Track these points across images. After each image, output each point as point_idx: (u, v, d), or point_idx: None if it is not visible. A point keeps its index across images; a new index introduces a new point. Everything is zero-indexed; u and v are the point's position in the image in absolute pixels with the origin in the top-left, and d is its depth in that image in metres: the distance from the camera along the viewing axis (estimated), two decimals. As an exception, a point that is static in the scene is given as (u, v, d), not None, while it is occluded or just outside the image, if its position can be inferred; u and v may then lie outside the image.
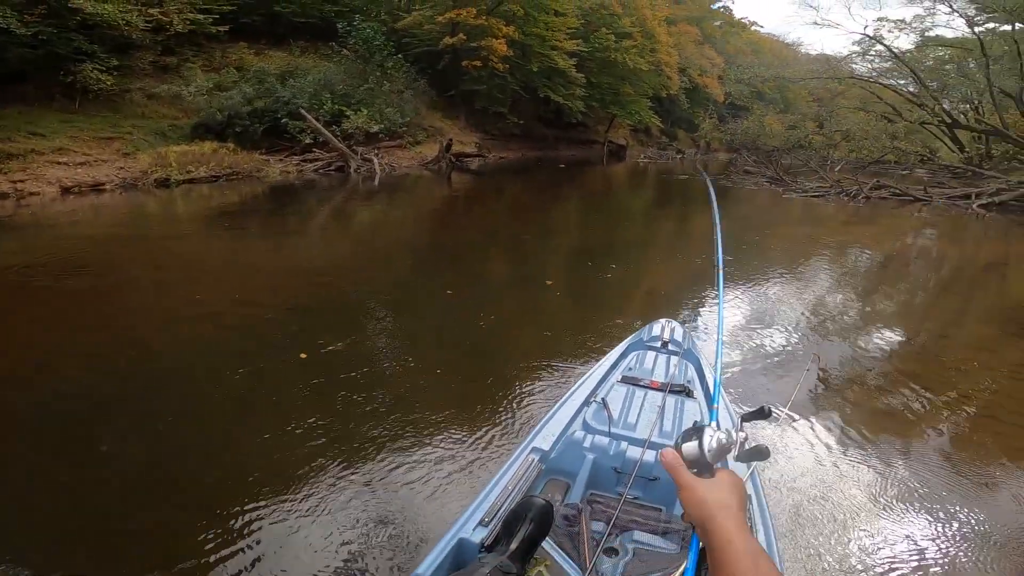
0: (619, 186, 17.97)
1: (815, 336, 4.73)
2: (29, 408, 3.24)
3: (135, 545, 2.24)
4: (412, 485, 2.56)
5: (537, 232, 9.32)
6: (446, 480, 2.62)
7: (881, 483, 2.72)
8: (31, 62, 12.10)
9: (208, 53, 16.95)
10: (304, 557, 2.15)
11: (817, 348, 4.42)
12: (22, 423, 3.12)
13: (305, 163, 14.65)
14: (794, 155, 17.81)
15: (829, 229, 10.36)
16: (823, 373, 3.94)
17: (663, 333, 2.88)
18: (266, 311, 4.94)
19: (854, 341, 4.66)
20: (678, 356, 2.72)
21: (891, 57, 19.06)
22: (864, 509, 2.54)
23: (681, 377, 2.53)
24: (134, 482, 2.59)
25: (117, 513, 2.41)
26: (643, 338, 2.93)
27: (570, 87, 23.61)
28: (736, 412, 2.38)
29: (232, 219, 9.75)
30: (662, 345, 2.81)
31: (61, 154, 10.91)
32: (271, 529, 2.28)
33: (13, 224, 8.94)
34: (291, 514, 2.36)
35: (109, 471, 2.68)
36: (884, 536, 2.38)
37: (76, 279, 5.73)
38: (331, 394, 3.37)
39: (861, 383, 3.87)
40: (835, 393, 3.71)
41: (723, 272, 1.81)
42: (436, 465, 2.71)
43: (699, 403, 2.32)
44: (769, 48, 36.72)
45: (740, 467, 1.72)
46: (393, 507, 2.42)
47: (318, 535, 2.25)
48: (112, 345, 4.18)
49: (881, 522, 2.46)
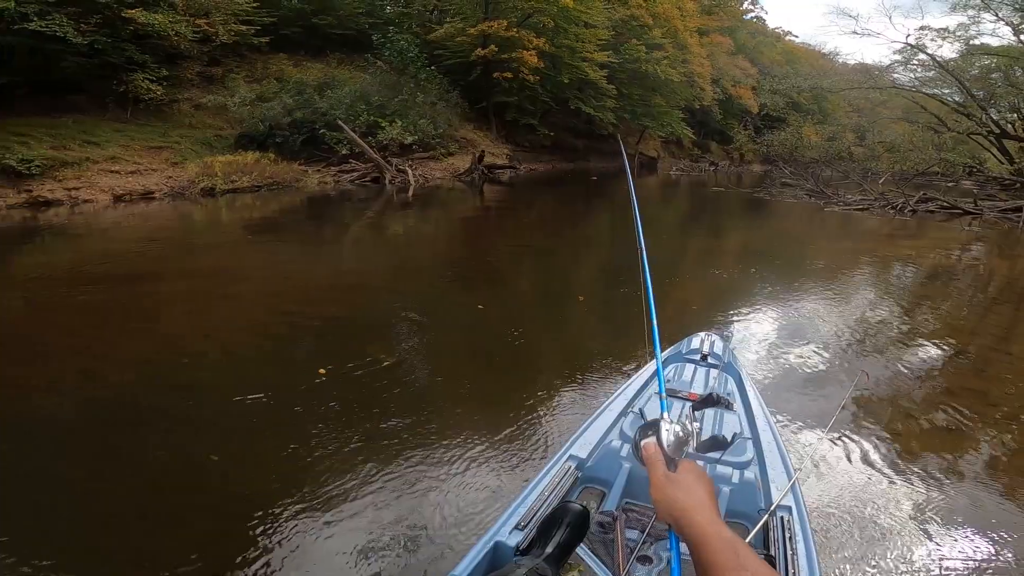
0: (651, 199, 17.84)
1: (860, 351, 4.63)
2: (75, 412, 3.37)
3: (171, 548, 2.28)
4: (443, 492, 2.59)
5: (569, 246, 9.31)
6: (479, 488, 2.63)
7: (927, 504, 2.64)
8: (86, 71, 12.67)
9: (250, 64, 17.52)
10: (337, 561, 2.18)
11: (863, 364, 4.32)
12: (70, 427, 3.22)
13: (341, 174, 14.95)
14: (834, 167, 17.41)
15: (874, 243, 10.08)
16: (869, 390, 3.83)
17: (702, 346, 2.88)
18: (303, 320, 5.05)
19: (901, 357, 4.52)
20: (718, 369, 2.72)
21: (935, 66, 18.55)
22: (907, 530, 2.47)
23: (721, 390, 2.52)
24: (172, 487, 2.66)
25: (153, 516, 2.47)
26: (682, 351, 2.93)
27: (601, 98, 23.60)
28: (772, 414, 2.37)
29: (273, 229, 9.99)
30: (701, 358, 2.82)
31: (113, 162, 11.36)
32: (307, 535, 2.31)
33: (67, 231, 9.32)
34: (323, 520, 2.39)
35: (148, 475, 2.75)
36: (927, 560, 2.31)
37: (125, 286, 5.93)
38: (363, 403, 3.41)
39: (908, 400, 3.76)
40: (880, 410, 3.61)
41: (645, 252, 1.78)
42: (467, 473, 2.73)
43: (739, 416, 2.32)
44: (804, 58, 36.18)
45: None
46: (424, 514, 2.44)
47: (352, 539, 2.28)
48: (155, 353, 4.30)
49: (925, 545, 2.39)
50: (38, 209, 10.19)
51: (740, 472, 1.91)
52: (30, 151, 10.55)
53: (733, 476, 1.89)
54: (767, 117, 29.98)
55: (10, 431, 3.10)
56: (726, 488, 1.87)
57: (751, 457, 2.01)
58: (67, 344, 4.44)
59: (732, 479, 1.89)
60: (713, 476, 1.89)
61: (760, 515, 1.72)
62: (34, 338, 4.58)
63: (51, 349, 4.35)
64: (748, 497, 1.85)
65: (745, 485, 1.88)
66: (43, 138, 11.04)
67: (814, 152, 18.42)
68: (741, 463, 1.95)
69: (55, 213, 10.19)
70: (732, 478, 1.89)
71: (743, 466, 1.94)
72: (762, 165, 29.27)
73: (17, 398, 3.52)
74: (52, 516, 2.44)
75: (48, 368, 3.96)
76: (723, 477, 1.90)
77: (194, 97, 14.98)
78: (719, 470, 1.93)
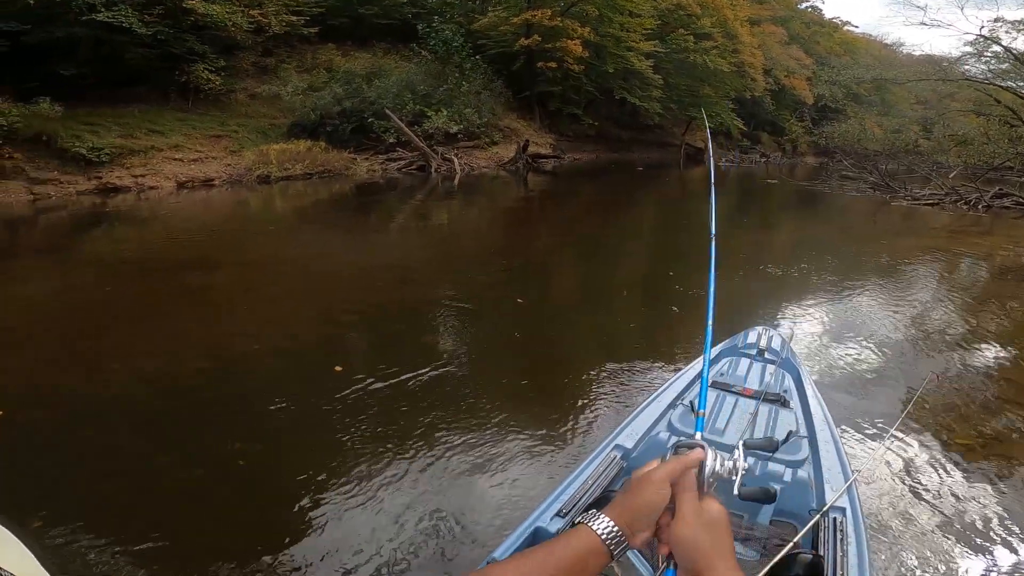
0: (700, 192, 17.41)
1: (927, 352, 4.42)
2: (150, 395, 3.51)
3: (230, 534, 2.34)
4: (481, 481, 2.62)
5: (615, 239, 9.12)
6: (521, 476, 2.66)
7: (992, 516, 2.49)
8: (149, 62, 13.10)
9: (300, 54, 17.81)
10: (383, 546, 2.21)
11: (931, 365, 4.13)
12: (147, 409, 3.37)
13: (389, 162, 15.09)
14: (899, 160, 16.58)
15: (943, 239, 9.53)
16: (938, 392, 3.65)
17: (759, 341, 2.82)
18: (364, 308, 5.15)
19: (971, 360, 4.29)
20: (775, 365, 2.64)
21: (1010, 58, 17.40)
22: (969, 542, 2.34)
23: (777, 386, 2.47)
24: (233, 475, 2.71)
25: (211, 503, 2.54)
26: (737, 344, 2.88)
27: (647, 88, 23.11)
28: (831, 417, 2.31)
29: (328, 217, 10.17)
30: (758, 353, 2.76)
31: (177, 151, 11.73)
32: (353, 519, 2.35)
33: (134, 216, 9.69)
34: (365, 499, 2.44)
35: (213, 462, 2.82)
36: (989, 568, 2.20)
37: (189, 274, 6.10)
38: (406, 394, 3.43)
39: (977, 405, 3.55)
40: (948, 413, 3.43)
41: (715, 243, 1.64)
42: (506, 464, 2.74)
43: (795, 413, 2.26)
44: (865, 49, 34.56)
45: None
46: (465, 499, 2.47)
47: (394, 521, 2.32)
48: (230, 338, 4.46)
49: (984, 559, 2.26)
50: (107, 195, 10.63)
51: (793, 471, 1.87)
52: (100, 140, 10.99)
53: (785, 474, 1.85)
54: (823, 108, 28.79)
55: (93, 412, 3.23)
56: (776, 486, 1.82)
57: (806, 456, 1.96)
58: (148, 328, 4.60)
59: (783, 477, 1.85)
60: (764, 473, 1.87)
61: (811, 515, 1.68)
62: (118, 322, 4.74)
63: (137, 331, 4.50)
64: (799, 496, 1.81)
65: (797, 484, 1.83)
66: (111, 127, 11.48)
67: (877, 144, 17.56)
68: (794, 461, 1.91)
69: (123, 199, 10.60)
70: (783, 476, 1.85)
71: (797, 465, 1.90)
72: (816, 157, 28.19)
73: (100, 382, 3.64)
74: (124, 492, 2.54)
75: (132, 352, 4.11)
76: (774, 475, 1.86)
77: (249, 87, 15.34)
78: (770, 467, 1.89)
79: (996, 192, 12.38)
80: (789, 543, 1.40)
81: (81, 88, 12.13)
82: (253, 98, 15.17)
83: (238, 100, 14.88)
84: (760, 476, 1.87)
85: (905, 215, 11.92)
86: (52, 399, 3.34)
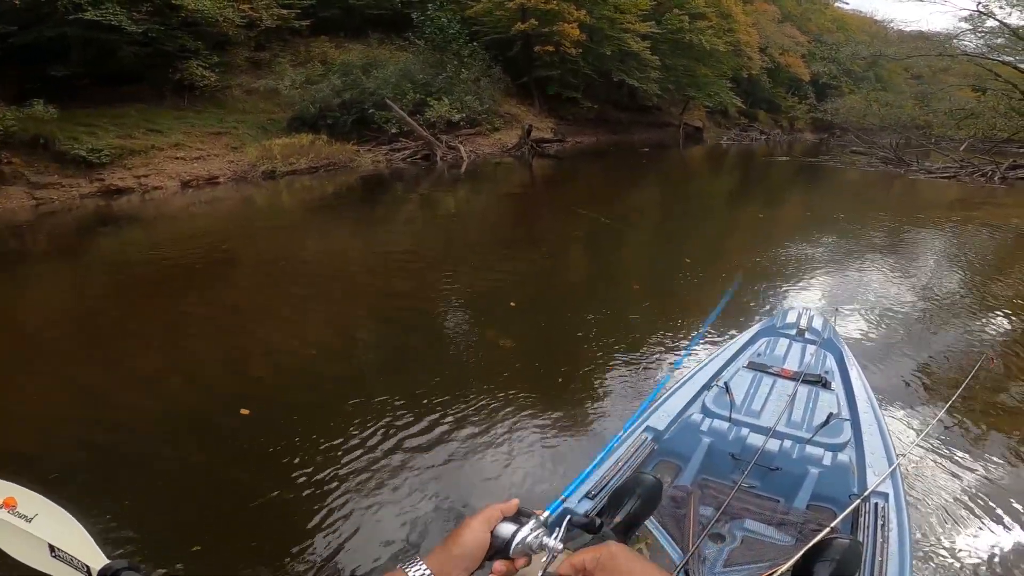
0: (712, 171, 17.33)
1: (979, 332, 4.27)
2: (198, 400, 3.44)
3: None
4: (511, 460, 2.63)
5: (630, 224, 8.91)
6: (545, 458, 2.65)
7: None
8: (142, 61, 12.70)
9: (294, 48, 17.41)
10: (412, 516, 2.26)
11: (984, 346, 3.98)
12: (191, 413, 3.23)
13: (393, 152, 14.83)
14: (903, 134, 16.53)
15: (976, 211, 9.45)
16: (994, 374, 3.52)
17: (799, 321, 2.76)
18: (401, 303, 5.04)
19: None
20: (816, 345, 2.58)
21: (1005, 33, 17.34)
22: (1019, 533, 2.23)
23: (818, 367, 2.41)
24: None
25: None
26: (775, 324, 2.82)
27: (645, 70, 22.90)
28: (877, 399, 2.25)
29: (339, 210, 9.97)
30: (798, 333, 2.71)
31: (178, 149, 11.41)
32: (391, 503, 2.35)
33: (140, 217, 9.40)
34: (394, 492, 2.43)
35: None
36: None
37: (206, 274, 5.89)
38: (443, 380, 3.37)
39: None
40: (1004, 398, 3.31)
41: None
42: (534, 445, 2.73)
43: (837, 396, 2.19)
44: (857, 25, 34.53)
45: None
46: (485, 482, 2.50)
47: (418, 504, 2.34)
48: (284, 340, 4.31)
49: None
50: (111, 197, 10.30)
51: (833, 454, 1.80)
52: (98, 141, 10.65)
53: (824, 458, 1.79)
54: (820, 85, 28.75)
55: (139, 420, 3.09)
56: (815, 470, 1.77)
57: (847, 439, 1.90)
58: (193, 333, 4.40)
59: (823, 461, 1.78)
60: (802, 457, 1.80)
61: (851, 500, 1.63)
62: (167, 330, 4.55)
63: (179, 337, 4.31)
64: (839, 481, 1.76)
65: (837, 468, 1.77)
66: (108, 128, 11.12)
67: (878, 119, 17.48)
68: (835, 445, 1.84)
69: (127, 200, 10.29)
70: (823, 460, 1.78)
71: (837, 448, 1.83)
72: (815, 133, 28.26)
73: (145, 390, 3.46)
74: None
75: (174, 358, 3.92)
76: (813, 458, 1.79)
77: (244, 83, 14.97)
78: (808, 451, 1.81)
79: (1011, 163, 12.34)
80: (826, 527, 1.37)
81: (74, 89, 11.72)
82: (249, 93, 14.80)
83: (234, 96, 14.50)
84: (797, 459, 1.80)
85: (924, 188, 11.86)
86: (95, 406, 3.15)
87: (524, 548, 0.68)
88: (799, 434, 1.89)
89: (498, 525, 0.69)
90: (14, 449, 2.73)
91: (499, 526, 0.69)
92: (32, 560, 0.88)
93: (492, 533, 0.68)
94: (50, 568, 0.87)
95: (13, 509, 0.90)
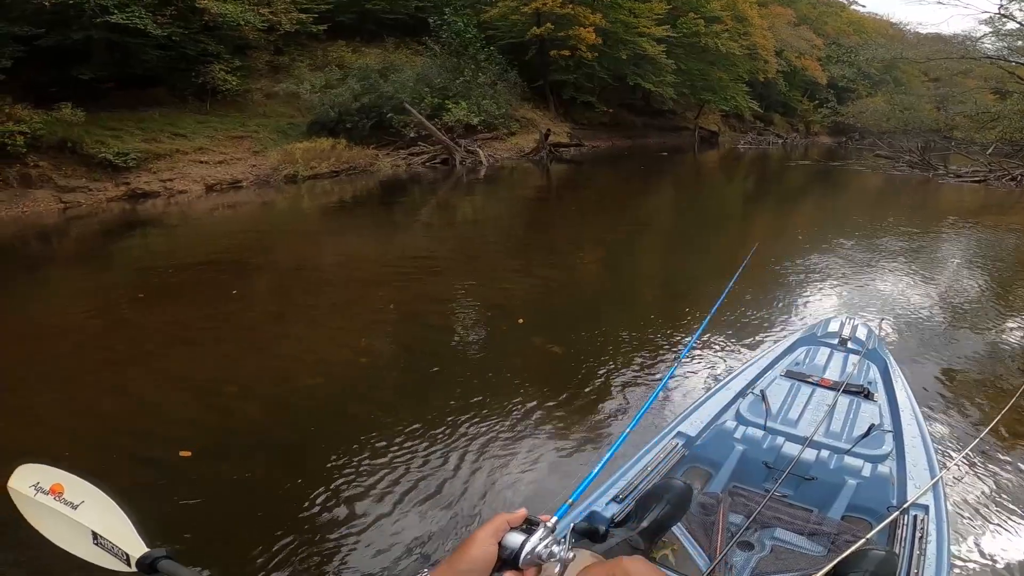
0: (732, 176, 17.22)
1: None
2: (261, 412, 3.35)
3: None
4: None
5: (661, 233, 8.80)
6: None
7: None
8: (165, 64, 12.76)
9: (311, 52, 17.49)
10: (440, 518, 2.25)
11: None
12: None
13: (412, 156, 14.84)
14: (926, 137, 16.38)
15: (1007, 216, 9.31)
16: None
17: (842, 330, 2.71)
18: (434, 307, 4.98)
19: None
20: (859, 355, 2.52)
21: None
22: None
23: (860, 378, 2.35)
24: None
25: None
26: (816, 333, 2.76)
27: (660, 74, 22.86)
28: (921, 410, 2.21)
29: (363, 216, 9.97)
30: (840, 342, 2.65)
31: (202, 153, 11.45)
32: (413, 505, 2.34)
33: (165, 222, 9.40)
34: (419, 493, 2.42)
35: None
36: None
37: (235, 280, 5.84)
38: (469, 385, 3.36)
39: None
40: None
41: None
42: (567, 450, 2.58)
43: (879, 407, 2.13)
44: (873, 28, 34.37)
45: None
46: (509, 484, 2.48)
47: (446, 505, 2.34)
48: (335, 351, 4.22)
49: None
50: (136, 201, 10.33)
51: (873, 466, 1.77)
52: (124, 145, 10.69)
53: (863, 469, 1.76)
54: (837, 88, 28.59)
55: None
56: (852, 481, 1.74)
57: (888, 451, 1.86)
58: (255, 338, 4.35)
59: (862, 472, 1.75)
60: (839, 467, 1.77)
61: (889, 512, 1.60)
62: (218, 338, 4.51)
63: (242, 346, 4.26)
64: (878, 492, 1.73)
65: (876, 480, 1.74)
66: (133, 131, 11.18)
67: (899, 121, 17.32)
68: (875, 456, 1.81)
69: (152, 204, 10.31)
70: (862, 471, 1.75)
71: (877, 460, 1.80)
72: (831, 137, 28.08)
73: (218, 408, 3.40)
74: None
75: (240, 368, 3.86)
76: (851, 469, 1.76)
77: (264, 87, 15.04)
78: (847, 461, 1.78)
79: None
80: (861, 539, 1.32)
81: (98, 93, 11.79)
82: (269, 97, 14.86)
83: (254, 100, 14.56)
84: (835, 469, 1.77)
85: (948, 192, 11.72)
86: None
87: (534, 558, 0.67)
88: (838, 444, 1.86)
89: (506, 536, 0.68)
90: (59, 453, 2.69)
91: (507, 537, 0.68)
92: (73, 547, 0.88)
93: (500, 544, 0.67)
94: (90, 555, 0.88)
95: (60, 496, 0.91)
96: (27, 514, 0.93)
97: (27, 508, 0.93)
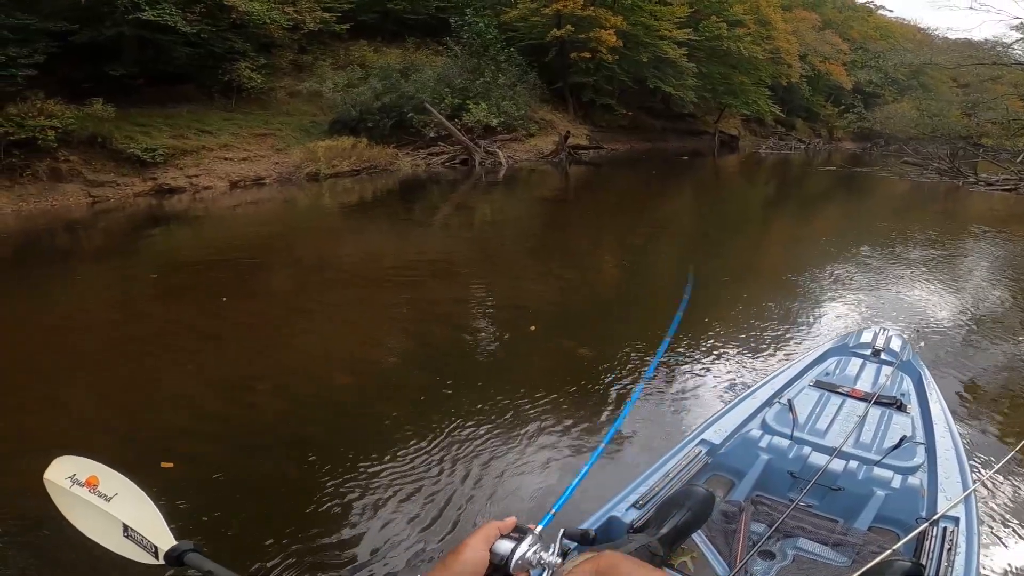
0: (755, 181, 17.03)
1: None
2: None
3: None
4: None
5: (680, 236, 8.68)
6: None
7: None
8: (194, 61, 13.00)
9: (333, 51, 17.67)
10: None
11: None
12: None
13: (432, 156, 14.92)
14: (954, 144, 16.05)
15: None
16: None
17: (875, 341, 2.66)
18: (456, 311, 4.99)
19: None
20: (892, 367, 2.47)
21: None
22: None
23: (894, 389, 2.31)
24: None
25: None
26: (848, 344, 2.72)
27: (681, 77, 22.69)
28: (956, 425, 2.16)
29: (385, 216, 10.03)
30: (872, 353, 2.61)
31: (227, 150, 11.64)
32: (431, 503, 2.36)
33: (191, 217, 9.55)
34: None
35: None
36: None
37: (258, 277, 5.94)
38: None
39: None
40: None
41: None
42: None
43: (912, 419, 2.09)
44: (900, 33, 33.88)
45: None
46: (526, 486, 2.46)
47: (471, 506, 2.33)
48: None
49: None
50: (163, 196, 10.53)
51: (903, 477, 1.75)
52: (152, 140, 10.90)
53: (893, 480, 1.73)
54: (862, 93, 28.13)
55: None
56: (881, 492, 1.71)
57: (920, 463, 1.84)
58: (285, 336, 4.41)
59: (891, 483, 1.73)
60: (868, 478, 1.75)
61: (918, 523, 1.57)
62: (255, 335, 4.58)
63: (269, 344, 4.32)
64: (906, 504, 1.70)
65: (906, 491, 1.71)
66: (162, 128, 11.39)
67: (928, 128, 16.98)
68: (906, 468, 1.79)
69: (178, 200, 10.50)
70: (891, 482, 1.73)
71: (908, 471, 1.78)
72: (855, 143, 27.66)
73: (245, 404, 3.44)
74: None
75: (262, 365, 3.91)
76: (879, 480, 1.74)
77: (288, 85, 15.24)
78: (876, 472, 1.76)
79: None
80: (887, 550, 1.31)
81: (129, 89, 12.05)
82: (293, 96, 15.05)
83: (278, 98, 14.77)
84: (863, 480, 1.75)
85: (977, 200, 11.46)
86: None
87: (523, 564, 0.69)
88: (867, 455, 1.84)
89: (496, 542, 0.70)
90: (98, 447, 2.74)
91: (497, 543, 0.70)
92: (104, 538, 0.89)
93: (491, 550, 0.69)
94: (119, 547, 0.88)
95: (95, 488, 0.92)
96: (60, 505, 0.95)
97: (61, 499, 0.94)
